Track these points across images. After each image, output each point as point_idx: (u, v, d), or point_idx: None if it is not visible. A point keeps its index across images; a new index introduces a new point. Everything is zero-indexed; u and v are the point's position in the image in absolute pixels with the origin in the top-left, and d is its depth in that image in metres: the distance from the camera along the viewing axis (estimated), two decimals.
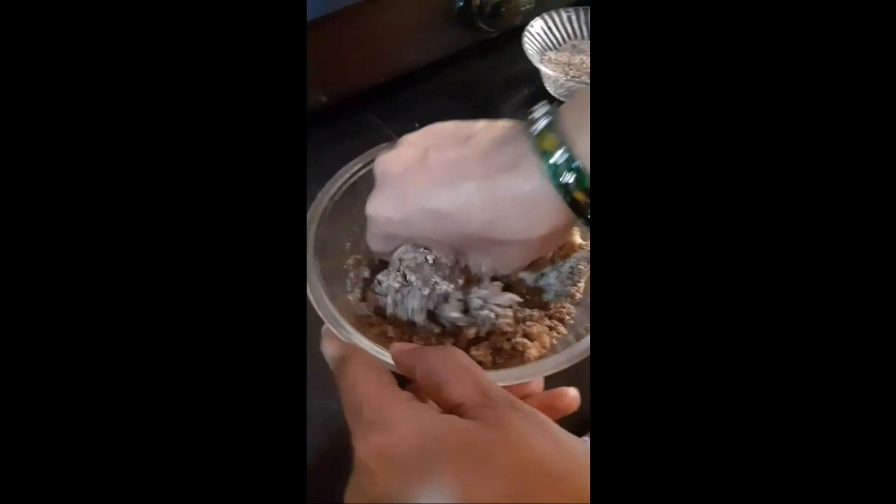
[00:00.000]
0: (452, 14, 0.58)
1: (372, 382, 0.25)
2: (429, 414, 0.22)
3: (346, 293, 0.37)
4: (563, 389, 0.31)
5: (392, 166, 0.31)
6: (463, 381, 0.24)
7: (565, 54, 0.61)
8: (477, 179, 0.28)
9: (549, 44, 0.62)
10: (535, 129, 0.27)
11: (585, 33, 0.63)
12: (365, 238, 0.35)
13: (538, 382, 0.31)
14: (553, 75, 0.57)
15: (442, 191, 0.29)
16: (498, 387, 0.24)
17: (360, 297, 0.37)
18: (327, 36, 0.50)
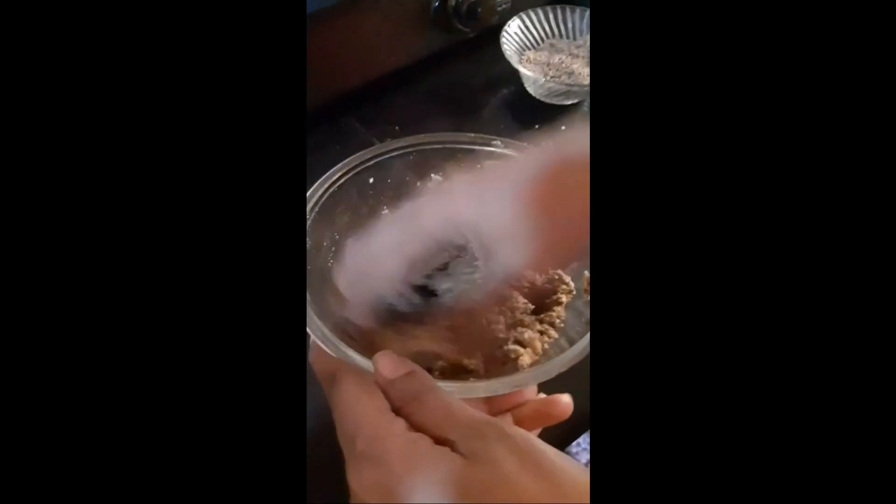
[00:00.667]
0: (428, 16, 0.57)
1: (364, 408, 0.24)
2: (422, 448, 0.22)
3: (330, 302, 0.36)
4: (556, 397, 0.31)
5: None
6: (445, 421, 0.23)
7: (544, 53, 0.61)
8: None
9: (528, 43, 0.62)
10: None
11: (563, 31, 0.63)
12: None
13: (532, 389, 0.31)
14: (532, 76, 0.57)
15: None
16: (483, 415, 0.24)
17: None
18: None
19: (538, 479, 0.21)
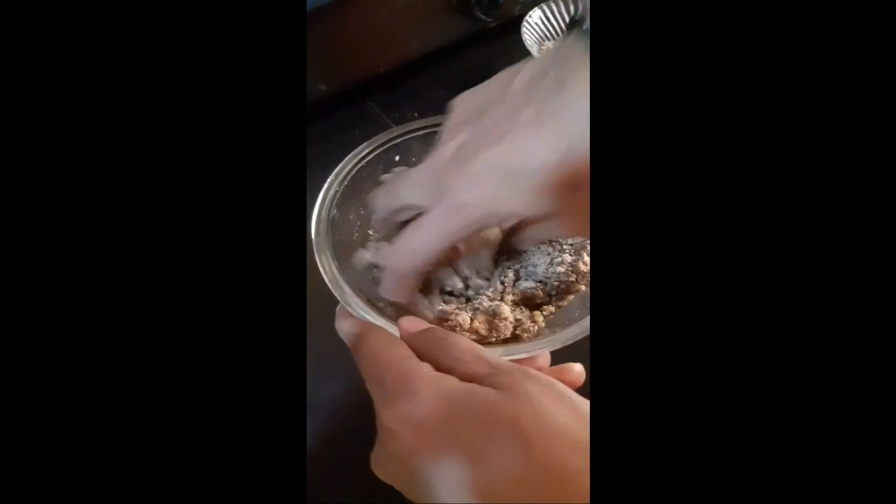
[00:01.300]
0: (451, 4, 0.58)
1: (392, 354, 0.25)
2: (451, 382, 0.23)
3: (357, 273, 0.37)
4: (569, 365, 0.30)
5: (445, 150, 0.27)
6: (474, 360, 0.25)
7: None
8: (538, 119, 0.24)
9: (548, 34, 0.62)
10: (586, 25, 0.25)
11: (585, 23, 0.63)
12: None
13: (545, 357, 0.31)
14: None
15: (512, 147, 0.24)
16: (507, 361, 0.25)
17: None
18: (326, 26, 0.51)
19: (566, 409, 0.22)
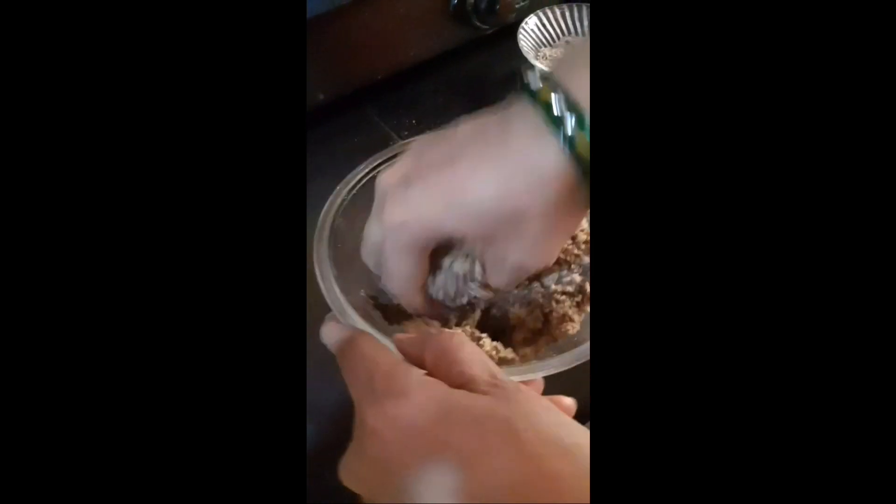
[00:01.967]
0: (448, 12, 0.59)
1: (382, 357, 0.25)
2: (442, 386, 0.23)
3: (358, 285, 0.37)
4: (559, 397, 0.31)
5: (391, 177, 0.31)
6: (475, 362, 0.24)
7: (560, 50, 0.62)
8: (480, 156, 0.28)
9: (544, 40, 0.63)
10: (534, 84, 0.27)
11: (580, 29, 0.64)
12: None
13: (538, 385, 0.31)
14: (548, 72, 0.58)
15: (449, 175, 0.28)
16: (502, 372, 0.25)
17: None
18: (324, 34, 0.51)
19: (556, 418, 0.22)
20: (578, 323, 0.35)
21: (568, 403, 0.31)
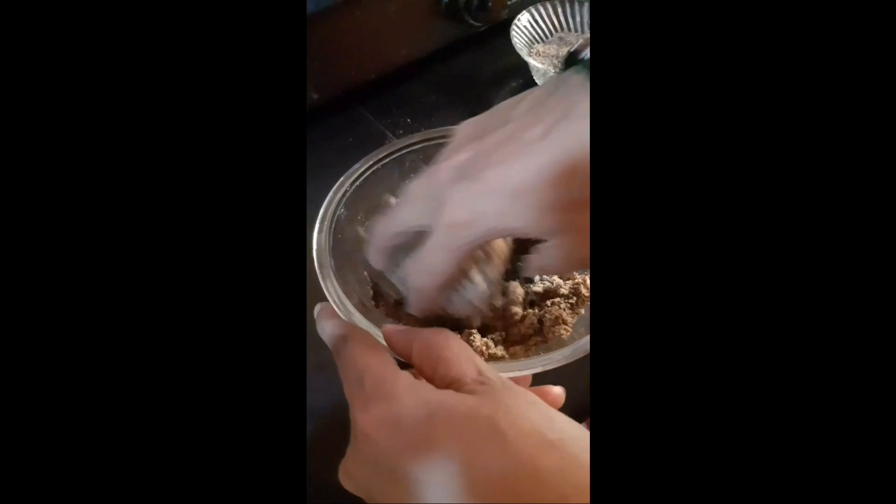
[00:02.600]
0: (440, 9, 0.59)
1: (373, 358, 0.25)
2: (430, 388, 0.24)
3: (355, 278, 0.37)
4: (548, 387, 0.31)
5: (446, 172, 0.27)
6: (462, 359, 0.25)
7: (553, 46, 0.62)
8: (543, 140, 0.24)
9: (537, 36, 0.63)
10: (585, 56, 0.25)
11: (572, 25, 0.64)
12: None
13: (525, 380, 0.32)
14: (542, 68, 0.58)
15: (514, 165, 0.24)
16: (490, 367, 0.25)
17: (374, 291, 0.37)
18: (317, 34, 0.51)
19: (538, 413, 0.23)
20: (570, 326, 0.35)
21: (556, 392, 0.31)
